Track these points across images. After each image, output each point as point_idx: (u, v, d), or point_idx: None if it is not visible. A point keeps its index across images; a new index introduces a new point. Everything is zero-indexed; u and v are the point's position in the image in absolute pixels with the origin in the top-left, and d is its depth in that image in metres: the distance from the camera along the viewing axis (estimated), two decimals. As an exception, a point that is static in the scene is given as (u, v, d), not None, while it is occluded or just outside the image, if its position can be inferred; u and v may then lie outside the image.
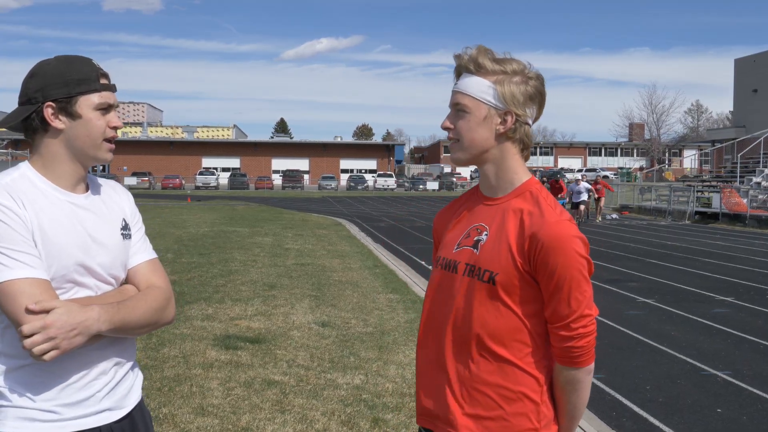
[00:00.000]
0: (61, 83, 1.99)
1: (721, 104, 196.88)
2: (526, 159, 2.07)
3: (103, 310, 1.93)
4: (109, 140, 2.07)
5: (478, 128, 2.00)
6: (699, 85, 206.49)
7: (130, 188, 56.86)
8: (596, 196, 28.21)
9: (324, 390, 5.64)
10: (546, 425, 1.99)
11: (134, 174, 66.50)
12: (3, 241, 1.88)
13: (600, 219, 28.47)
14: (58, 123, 2.00)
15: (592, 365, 1.98)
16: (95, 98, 2.02)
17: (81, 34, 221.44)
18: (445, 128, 2.06)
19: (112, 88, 2.08)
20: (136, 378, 2.20)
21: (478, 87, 1.98)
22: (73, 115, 2.01)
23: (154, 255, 2.23)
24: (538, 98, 2.02)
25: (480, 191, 2.12)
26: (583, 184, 26.21)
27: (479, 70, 1.99)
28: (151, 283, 2.14)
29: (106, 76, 2.07)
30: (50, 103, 1.99)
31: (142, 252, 2.19)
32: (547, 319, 1.95)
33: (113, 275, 2.08)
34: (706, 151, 55.93)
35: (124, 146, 76.60)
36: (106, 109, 2.05)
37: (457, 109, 2.01)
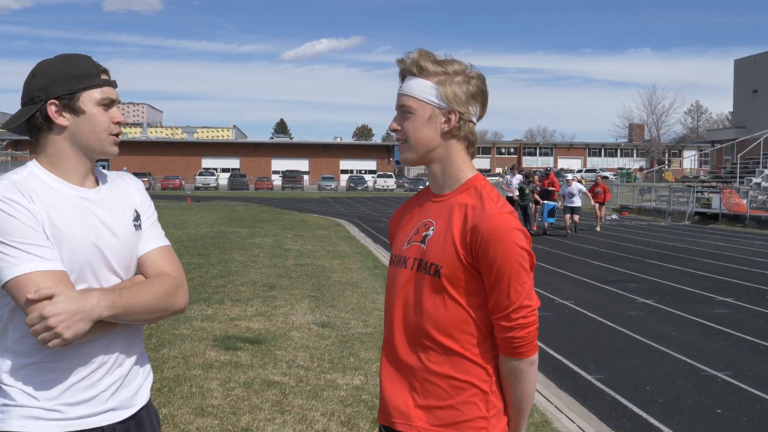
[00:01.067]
0: (62, 80, 2.01)
1: (720, 105, 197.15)
2: (472, 156, 2.14)
3: (102, 295, 1.91)
4: (113, 135, 2.09)
5: (423, 128, 2.07)
6: (699, 85, 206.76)
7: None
8: (593, 201, 23.74)
9: (324, 390, 5.64)
10: (495, 415, 2.03)
11: (134, 174, 66.45)
12: (15, 235, 1.88)
13: (599, 227, 23.49)
14: (62, 120, 2.02)
15: (535, 356, 2.02)
16: (97, 93, 2.04)
17: (82, 34, 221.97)
18: (392, 130, 2.13)
19: (112, 84, 2.10)
20: (146, 378, 2.20)
21: (421, 88, 2.06)
22: (76, 111, 2.02)
23: (165, 242, 2.21)
24: (480, 96, 2.10)
25: (430, 190, 2.19)
26: (576, 185, 21.14)
27: (422, 72, 2.08)
28: (160, 270, 2.13)
29: (106, 72, 2.09)
30: (53, 100, 2.01)
31: (152, 239, 2.17)
32: (489, 311, 2.00)
33: (126, 267, 2.09)
34: (706, 151, 55.96)
35: (123, 147, 76.44)
36: (108, 104, 2.06)
37: (403, 110, 2.09)
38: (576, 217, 20.99)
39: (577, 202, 20.96)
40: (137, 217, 2.15)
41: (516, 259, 1.94)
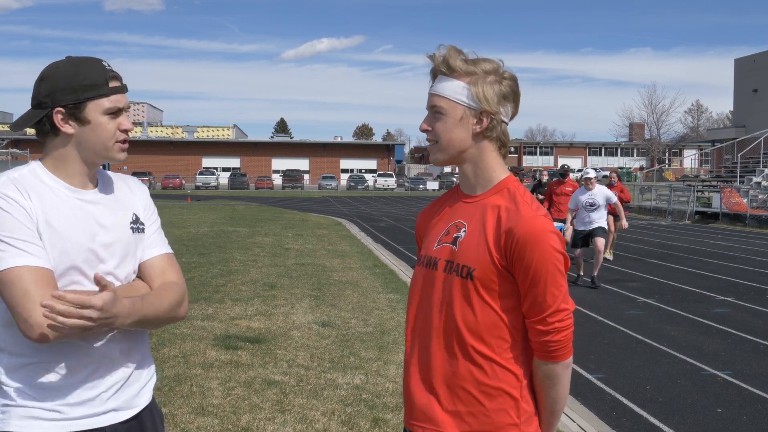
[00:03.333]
0: (69, 89, 1.99)
1: (721, 104, 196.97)
2: (504, 156, 2.11)
3: (132, 307, 1.93)
4: (120, 142, 2.08)
5: (454, 129, 2.03)
6: (699, 84, 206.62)
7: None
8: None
9: (324, 390, 5.64)
10: (526, 420, 2.01)
11: (134, 174, 66.09)
12: (5, 230, 1.89)
13: (611, 254, 14.79)
14: (68, 128, 2.01)
15: (570, 359, 2.00)
16: (105, 103, 2.03)
17: (83, 34, 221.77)
18: (423, 130, 2.09)
19: (122, 90, 2.08)
20: (149, 379, 2.19)
21: (453, 89, 2.02)
22: (82, 121, 2.01)
23: (169, 249, 2.22)
24: (512, 96, 2.06)
25: (460, 190, 2.16)
26: (601, 190, 11.65)
27: (452, 71, 2.04)
28: (165, 278, 2.13)
29: (116, 77, 2.07)
30: (59, 108, 2.00)
31: (156, 246, 2.18)
32: (524, 314, 1.98)
33: (120, 269, 2.08)
34: (706, 150, 55.95)
35: (124, 146, 76.51)
36: (115, 112, 2.05)
37: (434, 111, 2.06)
38: (600, 252, 11.32)
39: (598, 220, 11.44)
40: (136, 221, 2.14)
41: (552, 263, 1.92)
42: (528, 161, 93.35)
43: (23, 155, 52.10)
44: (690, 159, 78.94)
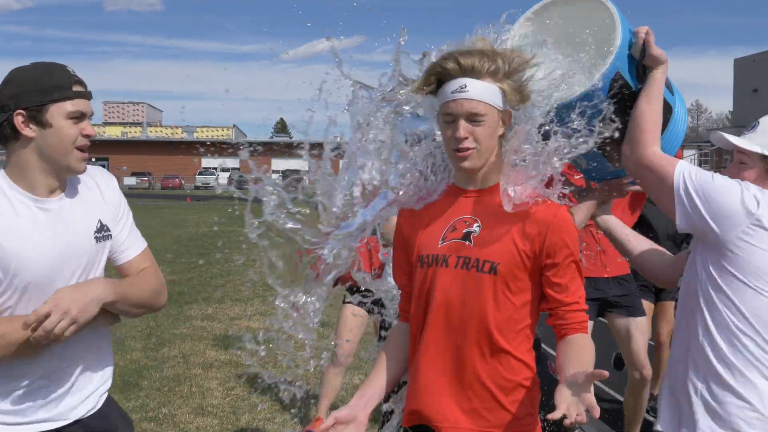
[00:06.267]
0: (33, 91, 1.96)
1: (720, 104, 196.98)
2: None
3: (106, 281, 2.00)
4: (80, 149, 2.03)
5: (494, 134, 1.98)
6: (699, 84, 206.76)
7: (129, 188, 56.33)
8: None
9: (323, 390, 5.63)
10: (536, 406, 2.05)
11: (134, 174, 66.35)
12: None
13: None
14: (29, 131, 1.97)
15: None
16: (68, 106, 1.99)
17: (83, 34, 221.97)
18: (462, 138, 1.94)
19: (87, 96, 2.04)
20: (97, 388, 2.18)
21: (490, 92, 1.94)
22: (43, 124, 1.97)
23: (143, 244, 2.26)
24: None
25: (456, 186, 2.09)
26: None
27: (484, 75, 1.94)
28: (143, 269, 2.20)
29: (81, 83, 2.04)
30: (21, 111, 1.95)
31: (131, 247, 2.21)
32: (554, 299, 1.99)
33: (83, 279, 2.06)
34: (706, 151, 55.98)
35: (123, 146, 76.57)
36: (78, 117, 2.01)
37: (472, 117, 1.94)
38: None
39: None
40: (100, 228, 2.11)
41: (576, 251, 1.98)
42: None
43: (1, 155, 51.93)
44: (690, 159, 78.93)
